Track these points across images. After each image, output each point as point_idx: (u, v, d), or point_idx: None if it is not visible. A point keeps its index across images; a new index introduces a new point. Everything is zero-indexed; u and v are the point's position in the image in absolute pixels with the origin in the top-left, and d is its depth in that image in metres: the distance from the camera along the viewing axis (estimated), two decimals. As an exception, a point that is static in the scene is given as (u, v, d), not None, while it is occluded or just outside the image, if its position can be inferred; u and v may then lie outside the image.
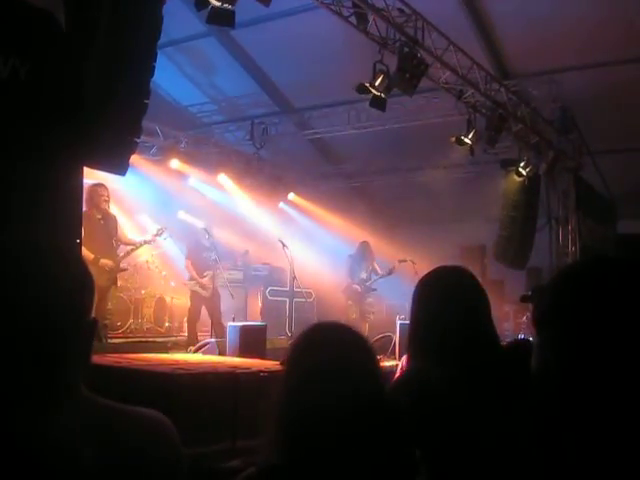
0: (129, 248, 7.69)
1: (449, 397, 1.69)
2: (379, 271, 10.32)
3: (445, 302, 1.90)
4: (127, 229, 9.03)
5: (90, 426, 1.07)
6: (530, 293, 2.33)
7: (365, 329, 9.43)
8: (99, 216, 7.29)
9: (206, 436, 3.43)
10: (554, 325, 0.89)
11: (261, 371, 4.40)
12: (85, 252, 6.88)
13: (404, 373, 1.93)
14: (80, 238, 3.37)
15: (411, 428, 1.40)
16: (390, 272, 10.10)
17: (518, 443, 1.22)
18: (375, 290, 10.29)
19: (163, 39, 4.12)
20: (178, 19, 8.14)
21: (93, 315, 1.27)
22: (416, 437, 1.52)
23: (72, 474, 1.01)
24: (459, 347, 1.80)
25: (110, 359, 5.04)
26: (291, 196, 12.81)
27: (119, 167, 4.02)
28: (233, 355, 6.14)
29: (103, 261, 7.11)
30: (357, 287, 10.08)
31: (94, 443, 1.04)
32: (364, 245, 10.50)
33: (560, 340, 0.87)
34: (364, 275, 10.19)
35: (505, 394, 1.62)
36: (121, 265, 7.64)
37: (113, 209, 7.92)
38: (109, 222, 7.42)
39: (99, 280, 7.08)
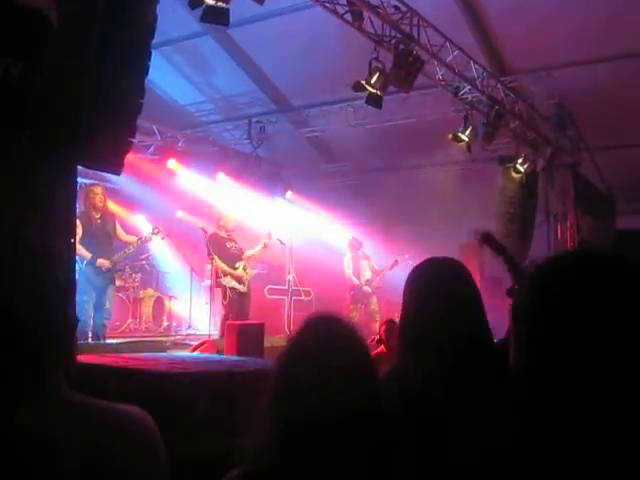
0: (127, 248, 7.68)
1: (429, 399, 1.65)
2: (375, 267, 10.27)
3: (430, 296, 1.82)
4: (125, 228, 9.00)
5: (68, 424, 1.06)
6: (516, 287, 2.31)
7: (376, 330, 9.41)
8: (97, 216, 7.29)
9: (202, 435, 3.43)
10: (531, 320, 0.88)
11: (258, 370, 4.40)
12: (83, 252, 6.89)
13: (387, 373, 1.87)
14: (74, 237, 3.36)
15: (397, 429, 1.39)
16: (392, 267, 10.05)
17: (500, 442, 1.21)
18: (380, 287, 10.21)
19: (160, 38, 4.13)
20: (175, 18, 8.15)
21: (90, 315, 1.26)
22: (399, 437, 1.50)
23: (49, 472, 1.01)
24: (444, 344, 1.73)
25: (108, 359, 5.04)
26: (289, 194, 12.79)
27: (114, 166, 4.01)
28: (231, 354, 6.14)
29: (100, 261, 7.11)
30: (367, 289, 9.95)
31: (72, 441, 1.04)
32: (358, 242, 10.38)
33: (536, 336, 0.86)
34: (369, 275, 10.09)
35: (488, 393, 1.59)
36: (119, 265, 7.64)
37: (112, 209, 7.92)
38: (107, 222, 7.42)
39: (96, 280, 7.09)
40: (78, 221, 6.90)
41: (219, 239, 8.83)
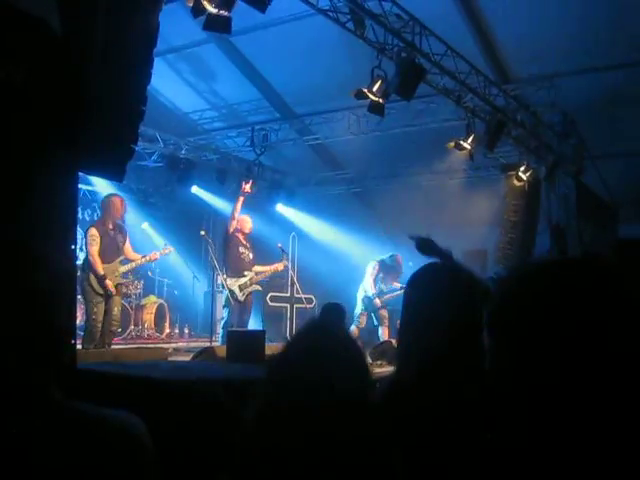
0: (131, 263, 7.68)
1: (416, 409, 1.61)
2: (390, 285, 10.07)
3: (422, 303, 1.79)
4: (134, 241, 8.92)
5: (58, 429, 1.06)
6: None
7: (385, 334, 9.40)
8: (110, 226, 7.33)
9: (198, 444, 3.43)
10: (501, 330, 0.88)
11: (259, 378, 4.38)
12: (99, 266, 7.00)
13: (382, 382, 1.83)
14: (75, 244, 3.37)
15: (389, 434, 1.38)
16: (401, 288, 9.89)
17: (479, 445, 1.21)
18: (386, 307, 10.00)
19: (164, 46, 4.15)
20: (178, 26, 8.17)
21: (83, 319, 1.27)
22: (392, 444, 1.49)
23: (37, 477, 1.01)
24: (429, 355, 1.68)
25: (109, 365, 5.04)
26: (292, 202, 12.82)
27: (116, 173, 4.02)
28: (232, 361, 6.12)
29: (108, 282, 7.11)
30: (377, 301, 9.82)
31: (60, 446, 1.04)
32: (398, 260, 10.04)
33: (505, 346, 0.86)
34: (383, 287, 9.96)
35: (473, 404, 1.54)
36: (122, 276, 7.61)
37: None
38: (118, 233, 7.45)
39: (103, 289, 7.11)
40: (96, 230, 7.01)
41: (235, 241, 8.77)
